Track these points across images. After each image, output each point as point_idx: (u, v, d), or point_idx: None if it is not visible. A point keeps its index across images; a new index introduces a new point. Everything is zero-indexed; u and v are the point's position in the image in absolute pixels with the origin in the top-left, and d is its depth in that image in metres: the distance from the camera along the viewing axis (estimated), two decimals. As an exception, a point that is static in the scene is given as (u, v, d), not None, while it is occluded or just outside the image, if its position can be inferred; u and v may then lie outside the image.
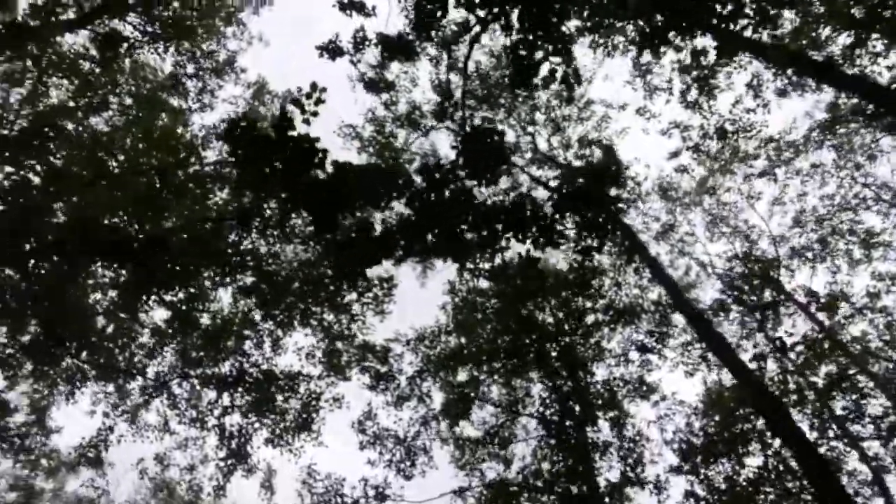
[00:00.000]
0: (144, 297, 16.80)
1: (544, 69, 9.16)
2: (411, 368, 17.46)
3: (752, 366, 17.10)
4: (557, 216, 7.71)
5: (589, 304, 21.02)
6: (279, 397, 16.45)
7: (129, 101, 17.94)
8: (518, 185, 20.76)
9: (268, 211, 16.45)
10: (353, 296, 16.60)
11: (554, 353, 19.69)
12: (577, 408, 17.94)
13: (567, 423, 16.93)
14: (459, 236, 8.13)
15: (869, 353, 20.55)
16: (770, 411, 9.94)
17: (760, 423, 21.57)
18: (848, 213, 21.77)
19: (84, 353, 17.24)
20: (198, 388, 18.01)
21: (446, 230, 7.81)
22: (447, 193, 8.01)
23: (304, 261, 17.28)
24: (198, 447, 18.27)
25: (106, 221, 15.01)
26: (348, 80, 18.73)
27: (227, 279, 17.21)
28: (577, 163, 20.54)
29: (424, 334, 17.62)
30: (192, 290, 16.98)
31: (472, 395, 20.32)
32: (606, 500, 14.90)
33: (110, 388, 18.27)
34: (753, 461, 23.60)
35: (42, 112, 15.88)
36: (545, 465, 16.55)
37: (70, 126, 15.93)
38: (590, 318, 21.18)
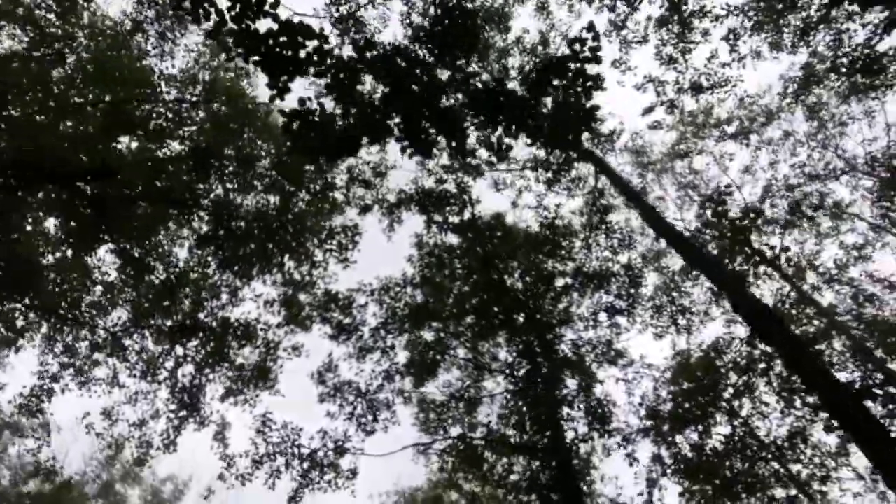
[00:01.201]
0: (95, 238, 15.94)
1: None
2: (375, 320, 16.82)
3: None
4: (531, 99, 7.15)
5: (559, 267, 20.65)
6: (234, 346, 15.65)
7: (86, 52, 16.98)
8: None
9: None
10: (315, 242, 15.87)
11: (522, 316, 19.25)
12: (545, 370, 17.50)
13: (535, 379, 16.47)
14: (426, 125, 7.50)
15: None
16: (758, 315, 9.46)
17: (727, 393, 21.58)
18: (817, 182, 21.71)
19: (29, 298, 16.28)
20: (150, 338, 17.15)
21: (414, 114, 7.19)
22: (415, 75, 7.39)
23: (262, 208, 16.55)
24: (148, 401, 17.38)
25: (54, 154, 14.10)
26: None
27: (183, 222, 16.40)
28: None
29: (389, 285, 16.96)
30: (145, 234, 16.16)
31: (438, 356, 19.80)
32: (573, 450, 14.44)
33: (57, 336, 17.31)
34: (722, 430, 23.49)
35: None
36: (512, 420, 16.01)
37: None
38: (559, 282, 20.83)
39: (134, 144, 16.19)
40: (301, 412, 15.23)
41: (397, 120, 7.54)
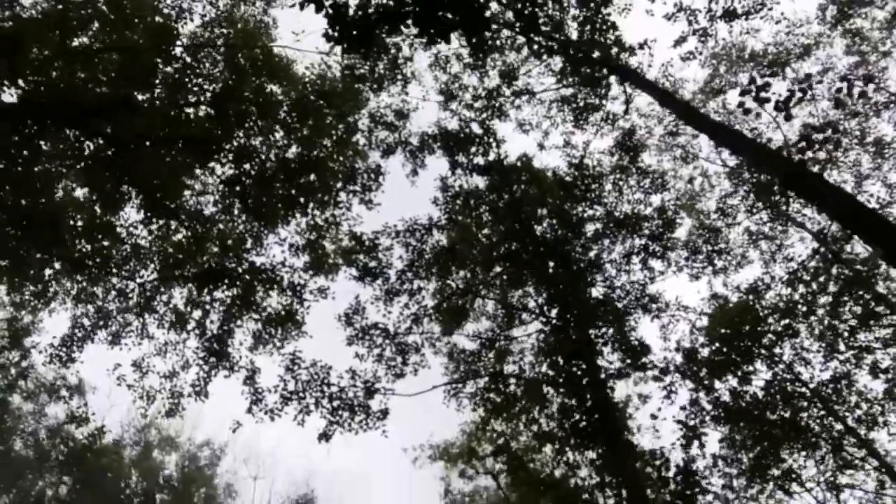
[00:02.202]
0: (117, 186, 15.86)
1: None
2: (401, 263, 16.52)
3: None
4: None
5: (588, 212, 20.11)
6: (260, 290, 15.49)
7: None
8: None
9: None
10: (338, 184, 15.57)
11: (552, 263, 18.77)
12: (577, 312, 17.04)
13: (567, 319, 16.03)
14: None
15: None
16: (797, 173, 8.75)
17: (767, 338, 20.90)
18: (858, 119, 20.73)
19: (55, 253, 16.30)
20: (177, 289, 17.10)
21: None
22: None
23: (284, 154, 16.30)
24: (178, 352, 17.36)
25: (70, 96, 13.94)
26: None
27: (205, 168, 16.23)
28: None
29: (415, 227, 16.60)
30: (168, 181, 16.03)
31: (467, 304, 19.47)
32: (610, 387, 14.01)
33: (86, 291, 17.37)
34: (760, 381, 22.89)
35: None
36: (544, 360, 15.62)
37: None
38: (589, 227, 20.29)
39: (154, 91, 16.04)
40: (329, 355, 15.05)
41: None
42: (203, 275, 16.10)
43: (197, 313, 16.89)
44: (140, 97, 15.39)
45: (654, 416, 17.99)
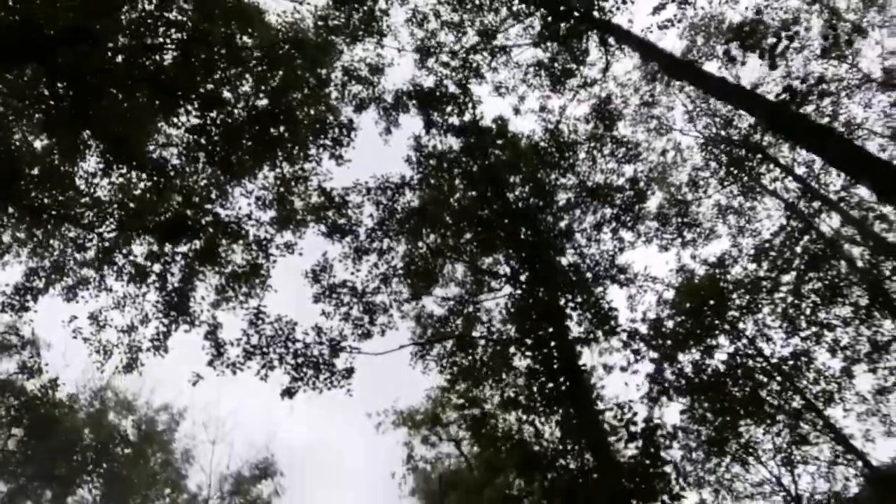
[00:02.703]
0: (77, 130, 15.16)
1: None
2: (371, 221, 16.16)
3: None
4: None
5: (562, 180, 19.98)
6: (224, 244, 15.01)
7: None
8: None
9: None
10: (309, 136, 15.10)
11: (523, 229, 18.59)
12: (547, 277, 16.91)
13: (537, 283, 15.88)
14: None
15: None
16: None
17: (731, 313, 21.12)
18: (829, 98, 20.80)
19: (11, 198, 15.56)
20: (137, 240, 16.50)
21: None
22: None
23: (253, 103, 15.75)
24: (137, 306, 16.81)
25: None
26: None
27: (170, 113, 15.59)
28: None
29: (386, 185, 16.22)
30: (132, 126, 15.38)
31: (437, 268, 19.23)
32: (577, 351, 13.93)
33: (42, 239, 16.68)
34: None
35: None
36: (513, 323, 15.46)
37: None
38: (562, 195, 20.17)
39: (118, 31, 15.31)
40: (295, 312, 14.66)
41: None
42: (165, 227, 15.54)
43: (157, 267, 16.35)
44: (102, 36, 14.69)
45: (626, 384, 18.15)
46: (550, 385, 13.02)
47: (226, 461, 27.44)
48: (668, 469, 9.98)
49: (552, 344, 13.78)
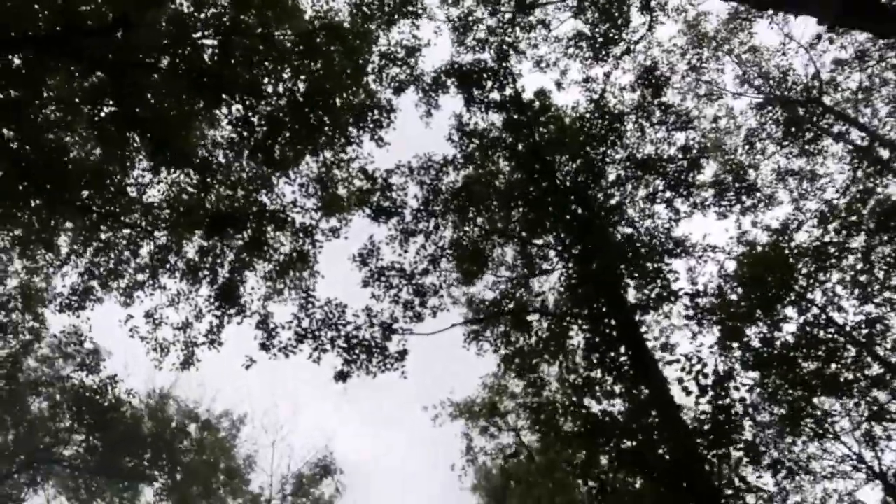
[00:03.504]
0: (123, 129, 15.37)
1: None
2: (416, 202, 15.88)
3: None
4: None
5: (610, 153, 19.35)
6: (271, 232, 14.98)
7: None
8: None
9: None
10: (349, 119, 14.96)
11: (573, 206, 18.06)
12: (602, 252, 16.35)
13: (591, 256, 15.33)
14: None
15: None
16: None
17: (797, 286, 20.06)
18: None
19: (59, 194, 15.88)
20: (187, 236, 16.65)
21: None
22: None
23: (292, 92, 15.70)
24: (190, 301, 16.95)
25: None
26: None
27: (212, 109, 15.68)
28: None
29: (430, 164, 15.92)
30: (174, 123, 15.53)
31: (487, 251, 18.84)
32: (636, 316, 13.37)
33: (94, 240, 16.98)
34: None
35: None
36: (568, 296, 14.95)
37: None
38: (611, 169, 19.55)
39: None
40: (344, 298, 14.50)
41: None
42: (213, 220, 15.62)
43: (208, 261, 16.45)
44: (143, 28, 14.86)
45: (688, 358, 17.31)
46: (611, 354, 12.51)
47: (286, 462, 27.50)
48: (744, 424, 9.35)
49: (611, 315, 13.27)
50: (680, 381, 10.18)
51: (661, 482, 9.76)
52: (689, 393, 10.05)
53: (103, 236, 16.51)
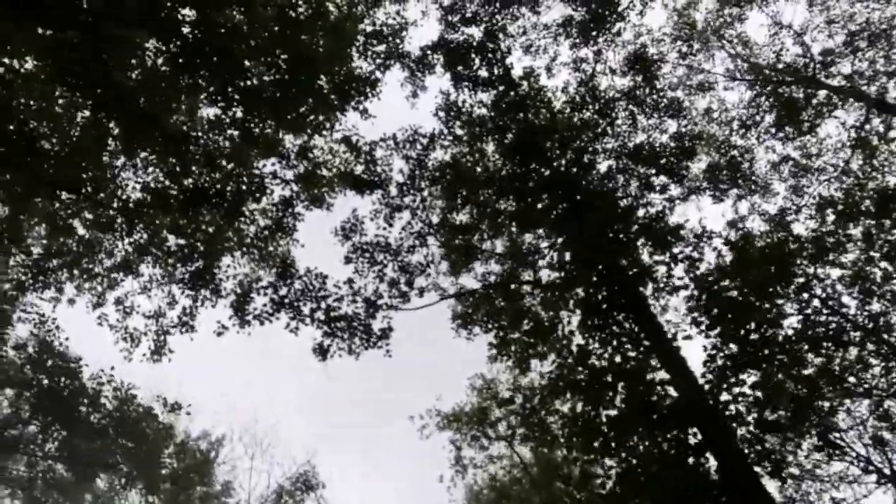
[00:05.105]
0: (103, 100, 14.71)
1: None
2: (402, 177, 15.21)
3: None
4: None
5: (599, 144, 18.89)
6: (250, 202, 14.23)
7: None
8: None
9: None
10: (332, 87, 14.41)
11: (563, 194, 17.47)
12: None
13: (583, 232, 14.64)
14: None
15: None
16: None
17: (796, 282, 19.40)
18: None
19: (30, 169, 15.09)
20: (162, 216, 15.83)
21: None
22: None
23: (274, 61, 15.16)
24: (163, 287, 16.05)
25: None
26: None
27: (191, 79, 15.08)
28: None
29: (415, 136, 15.30)
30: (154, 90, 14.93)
31: (476, 241, 18.13)
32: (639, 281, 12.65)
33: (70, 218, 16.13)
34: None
35: None
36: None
37: None
38: (601, 163, 19.05)
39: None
40: (325, 272, 13.67)
41: None
42: (191, 195, 14.86)
43: (182, 241, 15.61)
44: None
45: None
46: (613, 315, 11.74)
47: (266, 480, 26.03)
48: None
49: (608, 276, 12.54)
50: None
51: (671, 427, 8.91)
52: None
53: (74, 216, 15.68)
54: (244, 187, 14.47)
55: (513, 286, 14.60)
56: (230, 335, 15.11)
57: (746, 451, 9.14)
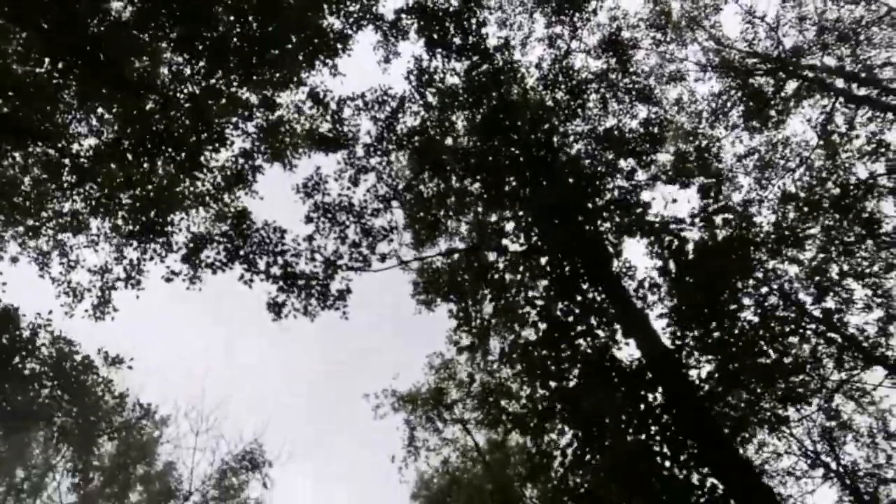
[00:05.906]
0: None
1: None
2: (369, 139, 14.77)
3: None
4: None
5: (571, 125, 18.77)
6: (208, 152, 13.61)
7: None
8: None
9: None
10: (301, 40, 13.90)
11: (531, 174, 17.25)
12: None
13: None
14: None
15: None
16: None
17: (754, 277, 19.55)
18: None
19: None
20: (114, 163, 15.07)
21: None
22: None
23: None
24: (110, 240, 15.28)
25: None
26: None
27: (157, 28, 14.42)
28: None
29: (385, 97, 14.87)
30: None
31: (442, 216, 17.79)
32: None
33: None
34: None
35: None
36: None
37: None
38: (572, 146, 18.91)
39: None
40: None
41: None
42: (145, 142, 14.16)
43: (133, 192, 14.88)
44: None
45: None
46: (579, 285, 11.52)
47: (210, 458, 25.08)
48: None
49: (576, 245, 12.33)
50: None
51: (633, 383, 8.70)
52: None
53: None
54: (204, 136, 13.83)
55: (476, 263, 14.25)
56: (192, 301, 14.48)
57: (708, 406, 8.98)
